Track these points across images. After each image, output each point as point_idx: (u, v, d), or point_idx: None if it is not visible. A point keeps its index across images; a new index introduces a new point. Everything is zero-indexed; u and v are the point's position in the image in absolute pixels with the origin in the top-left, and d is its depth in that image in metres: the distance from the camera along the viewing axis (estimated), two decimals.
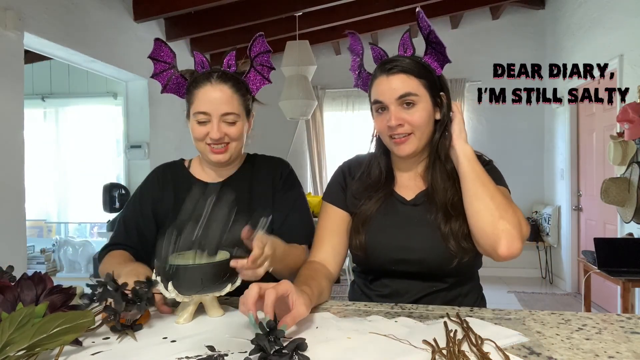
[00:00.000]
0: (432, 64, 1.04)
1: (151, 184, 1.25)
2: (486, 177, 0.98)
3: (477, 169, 0.98)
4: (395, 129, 1.01)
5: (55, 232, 5.55)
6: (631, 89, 3.21)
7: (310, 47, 4.15)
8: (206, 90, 1.10)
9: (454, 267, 1.01)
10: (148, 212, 1.21)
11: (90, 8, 3.15)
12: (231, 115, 1.11)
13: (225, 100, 1.10)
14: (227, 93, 1.11)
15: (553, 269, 5.00)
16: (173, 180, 1.24)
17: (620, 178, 3.07)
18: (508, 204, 0.97)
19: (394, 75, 1.01)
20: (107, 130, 5.19)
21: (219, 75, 1.12)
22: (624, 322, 0.84)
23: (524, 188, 5.17)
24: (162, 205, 1.21)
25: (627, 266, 2.66)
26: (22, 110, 2.57)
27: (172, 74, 1.17)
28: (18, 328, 0.66)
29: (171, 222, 1.14)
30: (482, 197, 0.96)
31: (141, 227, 1.21)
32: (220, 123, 1.11)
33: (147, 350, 0.74)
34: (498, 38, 5.28)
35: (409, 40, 1.05)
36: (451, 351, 0.69)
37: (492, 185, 0.97)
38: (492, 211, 0.94)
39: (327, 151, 5.70)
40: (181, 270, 0.86)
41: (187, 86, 1.16)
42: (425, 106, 1.01)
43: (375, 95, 1.04)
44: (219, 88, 1.11)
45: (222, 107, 1.10)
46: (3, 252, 2.43)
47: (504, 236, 0.93)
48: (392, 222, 1.06)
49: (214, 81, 1.11)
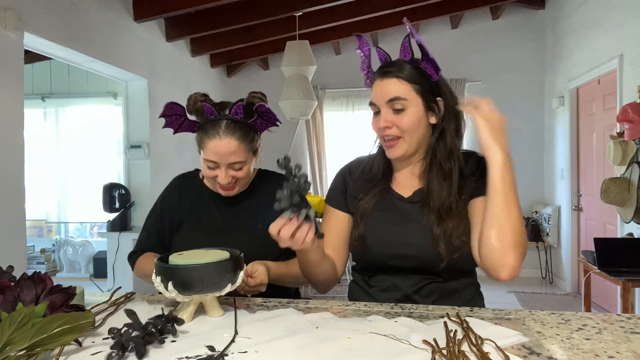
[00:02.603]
0: (428, 69, 1.06)
1: (171, 193, 1.37)
2: (513, 200, 0.95)
3: (506, 188, 0.95)
4: (384, 131, 1.05)
5: (55, 232, 5.55)
6: (631, 89, 3.22)
7: (310, 47, 4.14)
8: (214, 143, 1.17)
9: (450, 264, 1.02)
10: (166, 219, 1.33)
11: (90, 8, 3.15)
12: (238, 163, 1.20)
13: (233, 151, 1.18)
14: (233, 145, 1.17)
15: (553, 269, 5.00)
16: (190, 190, 1.35)
17: (620, 178, 3.07)
18: (522, 234, 0.96)
19: (388, 79, 1.05)
20: (107, 130, 5.20)
21: (227, 125, 1.18)
22: (624, 322, 0.84)
23: (524, 188, 5.14)
24: (179, 212, 1.32)
25: (627, 266, 2.66)
26: (22, 110, 2.57)
27: (183, 121, 1.25)
28: (18, 328, 0.66)
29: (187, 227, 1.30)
30: (503, 224, 0.94)
31: (161, 233, 1.33)
32: (227, 170, 1.20)
33: (147, 350, 0.74)
34: (498, 38, 5.28)
35: (408, 45, 1.07)
36: (451, 351, 0.69)
37: (516, 211, 0.95)
38: (507, 240, 0.94)
39: (327, 151, 5.70)
40: (181, 270, 0.86)
41: (198, 126, 1.23)
42: (415, 111, 1.03)
43: (371, 97, 1.09)
44: (227, 141, 1.17)
45: (229, 158, 1.18)
46: (3, 252, 2.43)
47: (509, 268, 0.94)
48: (389, 218, 1.08)
49: (222, 133, 1.17)
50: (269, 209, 1.23)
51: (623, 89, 3.39)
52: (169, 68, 4.21)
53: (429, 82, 1.06)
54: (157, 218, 1.34)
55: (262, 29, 4.43)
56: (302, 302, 1.00)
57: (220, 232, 1.28)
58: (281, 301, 1.02)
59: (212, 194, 1.33)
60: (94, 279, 4.76)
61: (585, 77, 4.08)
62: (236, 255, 0.93)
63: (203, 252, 0.96)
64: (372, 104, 1.08)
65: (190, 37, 4.43)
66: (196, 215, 1.31)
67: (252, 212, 1.30)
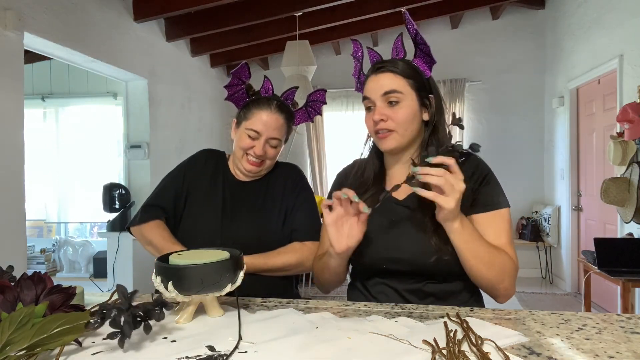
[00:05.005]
0: (420, 66, 1.08)
1: (195, 162, 1.42)
2: (482, 251, 0.97)
3: (469, 246, 0.96)
4: (378, 124, 1.05)
5: (55, 232, 5.55)
6: (631, 89, 3.22)
7: (310, 47, 4.15)
8: (264, 114, 1.28)
9: (444, 266, 1.01)
10: (186, 186, 1.37)
11: (90, 8, 3.15)
12: (276, 140, 1.30)
13: (277, 127, 1.29)
14: (279, 122, 1.29)
15: (553, 269, 5.00)
16: (214, 165, 1.41)
17: (620, 178, 3.07)
18: (504, 265, 0.99)
19: (382, 74, 1.06)
20: (107, 130, 5.19)
21: (278, 104, 1.30)
22: (624, 322, 0.84)
23: (524, 188, 5.17)
24: (200, 183, 1.37)
25: (627, 266, 2.66)
26: (22, 110, 2.57)
27: (241, 89, 1.34)
28: (18, 328, 0.66)
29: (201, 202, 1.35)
30: (479, 269, 0.98)
31: (177, 195, 1.36)
32: (265, 143, 1.29)
33: (147, 350, 0.74)
34: (498, 38, 5.28)
35: (400, 44, 1.10)
36: (451, 351, 0.69)
37: (488, 255, 0.97)
38: (491, 279, 0.99)
39: (327, 151, 5.70)
40: (181, 270, 0.86)
41: (247, 102, 1.33)
42: (410, 104, 1.05)
43: (364, 92, 1.09)
44: (275, 116, 1.29)
45: (273, 132, 1.29)
46: (3, 252, 2.43)
47: (504, 294, 1.02)
48: (383, 221, 1.08)
49: (274, 108, 1.29)
50: (275, 198, 1.36)
51: (623, 89, 3.39)
52: (169, 68, 4.21)
53: (422, 78, 1.07)
54: (178, 179, 1.38)
55: (262, 29, 4.44)
56: (302, 302, 1.00)
57: (229, 212, 1.33)
58: (281, 301, 1.02)
59: (231, 176, 1.38)
60: (94, 279, 4.76)
61: (585, 77, 4.08)
62: (236, 255, 0.93)
63: (203, 252, 0.96)
64: (366, 99, 1.08)
65: (190, 37, 4.43)
66: (212, 191, 1.36)
67: (260, 199, 1.35)
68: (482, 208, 1.04)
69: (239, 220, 1.32)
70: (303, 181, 1.42)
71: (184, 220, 1.35)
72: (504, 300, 1.03)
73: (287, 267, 1.28)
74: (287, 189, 1.37)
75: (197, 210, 1.34)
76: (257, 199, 1.35)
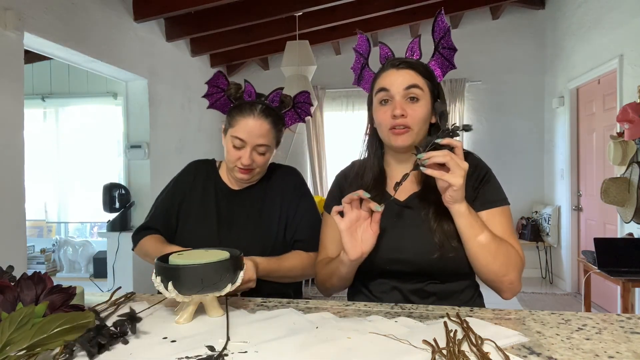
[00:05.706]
0: (435, 70, 1.08)
1: (186, 176, 1.39)
2: (487, 238, 0.97)
3: (476, 231, 0.97)
4: (398, 119, 1.02)
5: (55, 232, 5.55)
6: (631, 89, 3.22)
7: (310, 47, 4.14)
8: (248, 121, 1.22)
9: (446, 266, 1.01)
10: (177, 200, 1.35)
11: (90, 8, 3.15)
12: (263, 146, 1.24)
13: (262, 133, 1.22)
14: (264, 127, 1.22)
15: (553, 269, 5.00)
16: (204, 176, 1.37)
17: (620, 178, 3.07)
18: (509, 256, 0.99)
19: (403, 69, 1.05)
20: (107, 130, 5.19)
21: (262, 108, 1.23)
22: (624, 322, 0.84)
23: (524, 188, 5.17)
24: (190, 197, 1.35)
25: (627, 266, 2.66)
26: (22, 110, 2.57)
27: (222, 96, 1.29)
28: (18, 328, 0.66)
29: (194, 212, 1.32)
30: (484, 257, 0.98)
31: (169, 212, 1.35)
32: (252, 151, 1.23)
33: (147, 350, 0.74)
34: (498, 38, 5.28)
35: (417, 46, 1.09)
36: (451, 351, 0.69)
37: (494, 243, 0.97)
38: (496, 271, 0.98)
39: (327, 151, 5.70)
40: (181, 270, 0.86)
41: (231, 107, 1.28)
42: (427, 104, 1.05)
43: (381, 84, 1.06)
44: (260, 122, 1.22)
45: (258, 139, 1.22)
46: (3, 252, 2.43)
47: (508, 288, 1.01)
48: (385, 222, 1.06)
49: (257, 114, 1.22)
50: (274, 203, 1.32)
51: (623, 89, 3.39)
52: (169, 68, 4.21)
53: (436, 82, 1.08)
54: (168, 197, 1.37)
55: (262, 29, 4.44)
56: (302, 302, 1.00)
57: (225, 222, 1.30)
58: (281, 301, 1.02)
59: (223, 185, 1.35)
60: (94, 279, 4.76)
61: (585, 77, 4.08)
62: (236, 255, 0.93)
63: (203, 252, 0.96)
64: (383, 90, 1.05)
65: (190, 37, 4.43)
66: (205, 203, 1.33)
67: (258, 206, 1.32)
68: (484, 206, 1.05)
69: (238, 230, 1.29)
70: (303, 187, 1.38)
71: (179, 235, 1.33)
72: (509, 296, 1.02)
73: (295, 272, 1.26)
74: (286, 195, 1.33)
75: (192, 224, 1.32)
76: (255, 206, 1.32)
